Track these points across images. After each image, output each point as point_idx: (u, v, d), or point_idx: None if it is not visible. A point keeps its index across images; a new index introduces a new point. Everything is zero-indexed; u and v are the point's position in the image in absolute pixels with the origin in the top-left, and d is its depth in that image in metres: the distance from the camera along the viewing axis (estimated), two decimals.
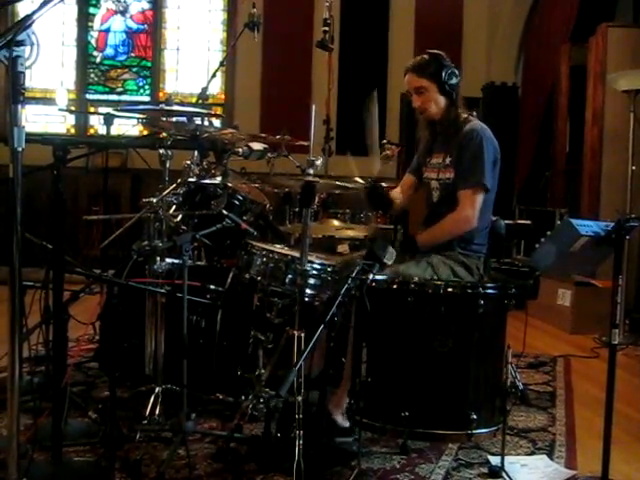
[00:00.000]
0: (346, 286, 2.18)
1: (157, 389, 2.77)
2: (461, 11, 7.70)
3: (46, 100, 7.55)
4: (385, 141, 4.16)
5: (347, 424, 2.57)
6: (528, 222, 6.01)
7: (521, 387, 3.36)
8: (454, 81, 2.82)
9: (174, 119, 3.12)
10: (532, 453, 2.72)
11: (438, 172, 2.87)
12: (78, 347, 3.46)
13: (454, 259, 2.76)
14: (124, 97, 7.77)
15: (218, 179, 3.25)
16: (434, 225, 2.79)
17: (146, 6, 7.81)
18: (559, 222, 5.69)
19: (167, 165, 3.05)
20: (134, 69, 7.83)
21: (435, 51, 2.91)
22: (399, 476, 2.44)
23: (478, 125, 2.81)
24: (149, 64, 7.81)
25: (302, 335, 2.32)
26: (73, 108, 7.54)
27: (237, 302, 3.10)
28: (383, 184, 3.07)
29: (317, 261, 2.65)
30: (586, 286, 5.15)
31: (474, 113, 2.90)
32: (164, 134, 2.98)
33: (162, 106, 3.08)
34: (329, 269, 2.64)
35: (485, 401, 2.32)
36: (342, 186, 2.77)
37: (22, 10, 6.68)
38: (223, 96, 7.80)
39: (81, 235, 6.75)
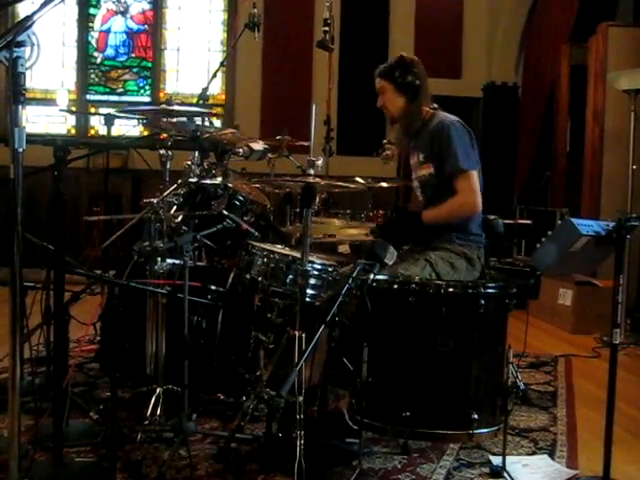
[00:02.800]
0: (347, 286, 2.18)
1: (158, 390, 2.77)
2: (461, 11, 7.70)
3: (47, 101, 7.55)
4: (385, 141, 4.17)
5: None
6: (529, 222, 6.02)
7: (522, 387, 3.34)
8: (409, 80, 2.92)
9: (175, 119, 3.12)
10: (533, 453, 2.72)
11: (418, 169, 2.97)
12: (79, 348, 3.46)
13: (454, 252, 2.79)
14: (125, 98, 7.77)
15: (219, 179, 3.25)
16: (440, 206, 2.83)
17: (146, 6, 7.81)
18: (560, 222, 5.68)
19: (168, 166, 3.06)
20: (134, 70, 7.83)
21: (403, 54, 3.03)
22: (400, 476, 2.44)
23: (444, 117, 2.90)
24: (149, 65, 7.81)
25: (303, 335, 2.32)
26: (74, 109, 7.54)
27: (238, 302, 3.10)
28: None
29: (318, 261, 2.66)
30: (587, 286, 5.15)
31: (435, 105, 2.98)
32: (165, 135, 2.99)
33: (162, 106, 3.08)
34: (330, 269, 2.64)
35: (486, 401, 2.32)
36: (342, 186, 2.77)
37: (22, 11, 6.69)
38: (223, 96, 7.80)
39: (82, 236, 6.75)
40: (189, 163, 3.28)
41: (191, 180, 3.20)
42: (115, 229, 3.26)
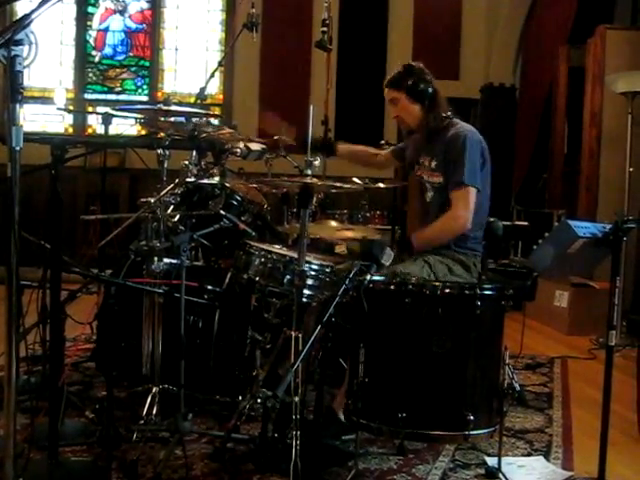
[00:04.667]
0: (344, 287, 2.19)
1: (154, 389, 2.76)
2: (460, 12, 7.72)
3: (44, 99, 7.55)
4: (383, 142, 4.17)
5: None
6: (526, 223, 6.02)
7: (518, 388, 3.35)
8: (424, 87, 2.89)
9: (172, 119, 3.12)
10: (529, 454, 2.72)
11: (429, 175, 2.94)
12: (75, 347, 3.47)
13: (451, 257, 2.79)
14: (122, 97, 7.77)
15: (216, 179, 3.25)
16: (428, 225, 2.81)
17: (145, 6, 7.81)
18: (557, 223, 5.69)
19: (165, 165, 3.05)
20: (132, 69, 7.83)
21: (410, 63, 2.98)
22: (396, 477, 2.44)
23: (461, 128, 2.85)
24: (147, 64, 7.81)
25: (300, 336, 2.32)
26: (71, 107, 7.53)
27: (235, 302, 3.10)
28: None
29: (315, 262, 2.66)
30: (583, 287, 5.16)
31: (449, 113, 2.93)
32: (162, 134, 2.98)
33: (160, 106, 3.08)
34: (327, 270, 2.64)
35: (482, 402, 2.32)
36: (340, 187, 2.77)
37: (20, 9, 6.68)
38: (221, 96, 7.80)
39: (79, 235, 6.74)
40: (186, 162, 3.27)
41: (188, 180, 3.20)
42: (112, 228, 3.25)
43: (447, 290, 2.31)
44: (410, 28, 7.66)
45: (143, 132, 6.80)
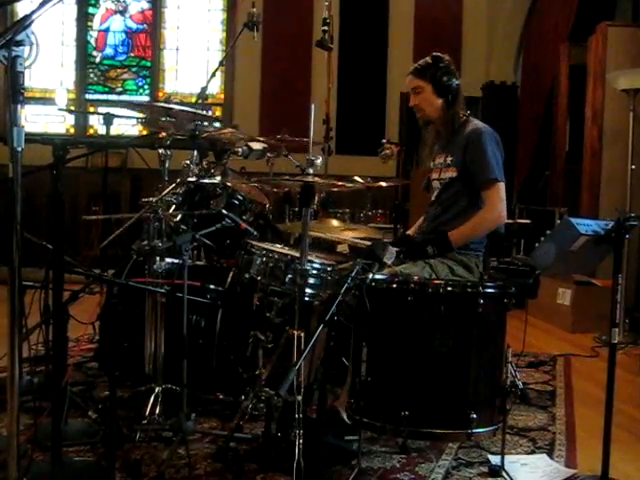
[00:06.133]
0: (346, 285, 2.18)
1: (157, 389, 2.77)
2: (461, 10, 7.71)
3: (46, 100, 7.56)
4: (384, 140, 4.17)
5: None
6: (528, 221, 6.02)
7: (521, 386, 3.35)
8: (450, 82, 2.87)
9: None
10: (532, 452, 2.72)
11: (440, 172, 2.93)
12: (78, 347, 3.46)
13: (452, 258, 2.78)
14: (124, 97, 7.78)
15: (217, 179, 3.25)
16: (465, 223, 2.80)
17: (145, 6, 7.82)
18: (559, 221, 5.69)
19: (166, 165, 3.06)
20: (133, 69, 7.83)
21: (438, 54, 2.95)
22: (399, 475, 2.44)
23: (479, 125, 2.87)
24: (148, 64, 7.82)
25: (302, 335, 2.32)
26: (73, 108, 7.54)
27: (237, 302, 3.10)
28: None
29: (317, 260, 2.66)
30: (586, 285, 5.15)
31: (468, 112, 2.95)
32: (163, 134, 2.99)
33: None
34: (329, 269, 2.64)
35: (485, 400, 2.32)
36: (341, 185, 2.77)
37: (21, 10, 6.68)
38: (222, 96, 7.80)
39: (81, 235, 6.75)
40: (188, 162, 3.28)
41: (190, 179, 3.20)
42: (114, 228, 3.26)
43: (449, 288, 2.31)
44: (411, 26, 7.65)
45: (144, 132, 6.82)
